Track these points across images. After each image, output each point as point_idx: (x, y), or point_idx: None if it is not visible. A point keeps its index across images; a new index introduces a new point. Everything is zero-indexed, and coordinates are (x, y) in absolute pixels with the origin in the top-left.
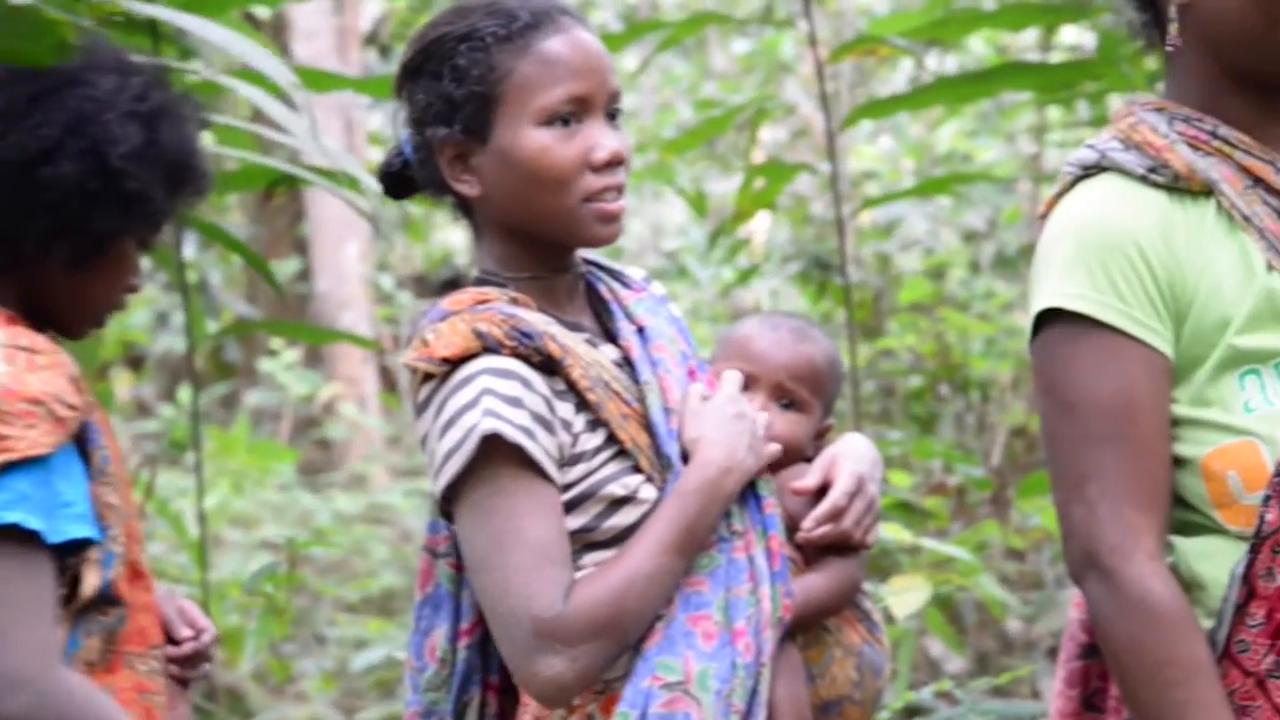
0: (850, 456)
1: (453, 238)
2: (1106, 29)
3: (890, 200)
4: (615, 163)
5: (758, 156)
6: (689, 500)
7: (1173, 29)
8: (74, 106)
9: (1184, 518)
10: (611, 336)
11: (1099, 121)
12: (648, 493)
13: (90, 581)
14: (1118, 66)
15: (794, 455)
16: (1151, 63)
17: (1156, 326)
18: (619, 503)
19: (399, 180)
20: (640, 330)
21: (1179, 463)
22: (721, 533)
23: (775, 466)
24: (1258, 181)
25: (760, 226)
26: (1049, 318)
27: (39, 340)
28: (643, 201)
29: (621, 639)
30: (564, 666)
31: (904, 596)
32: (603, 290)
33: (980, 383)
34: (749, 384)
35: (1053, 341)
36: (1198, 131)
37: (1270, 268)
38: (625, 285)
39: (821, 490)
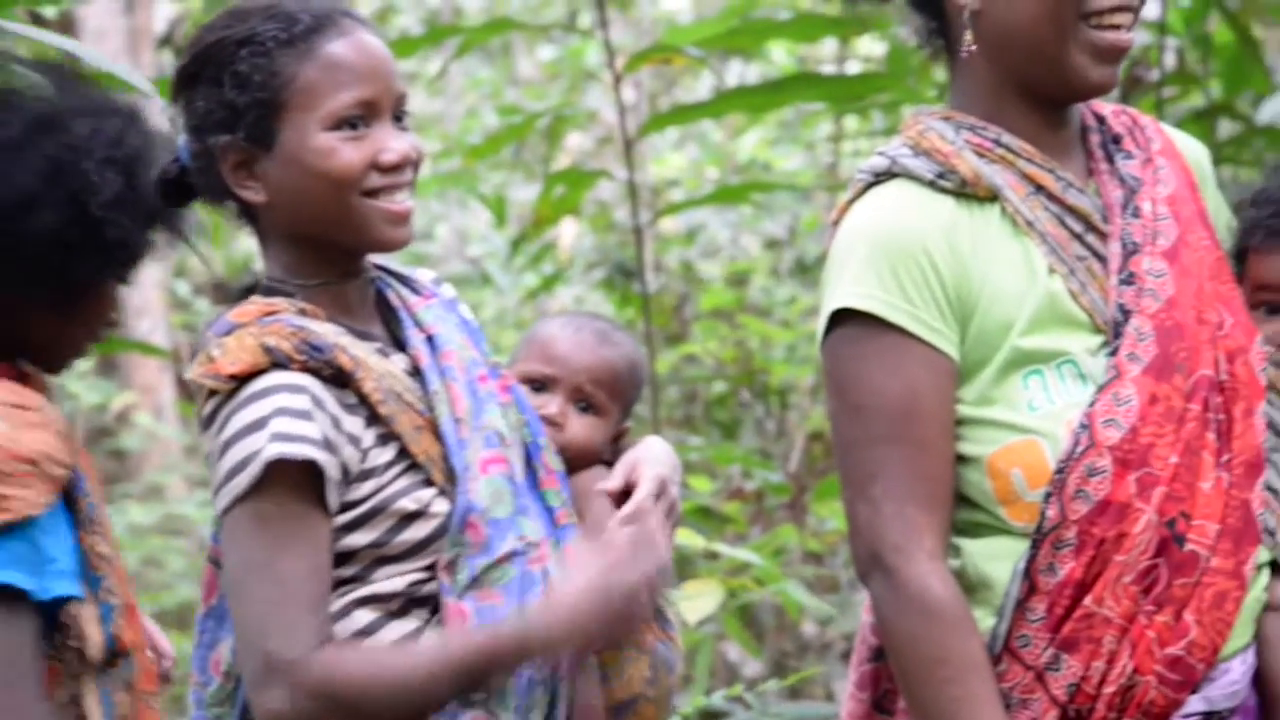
0: (651, 460)
1: (254, 243)
2: (897, 41)
3: (688, 207)
4: (403, 164)
5: (562, 163)
6: (509, 646)
7: (967, 36)
8: (51, 154)
9: (971, 517)
10: (402, 344)
11: (892, 131)
12: (440, 506)
13: (94, 640)
14: (906, 78)
15: (590, 459)
16: (939, 74)
17: (942, 328)
18: (410, 517)
19: (177, 187)
20: (429, 338)
21: (966, 461)
22: (515, 546)
23: (572, 470)
24: (1039, 188)
25: (567, 233)
26: (839, 319)
27: (28, 396)
28: (448, 208)
29: (351, 718)
30: (284, 706)
31: (696, 601)
32: (392, 297)
33: (780, 389)
34: (547, 385)
35: (842, 342)
36: (982, 139)
37: (1052, 271)
38: (415, 291)
39: (624, 493)
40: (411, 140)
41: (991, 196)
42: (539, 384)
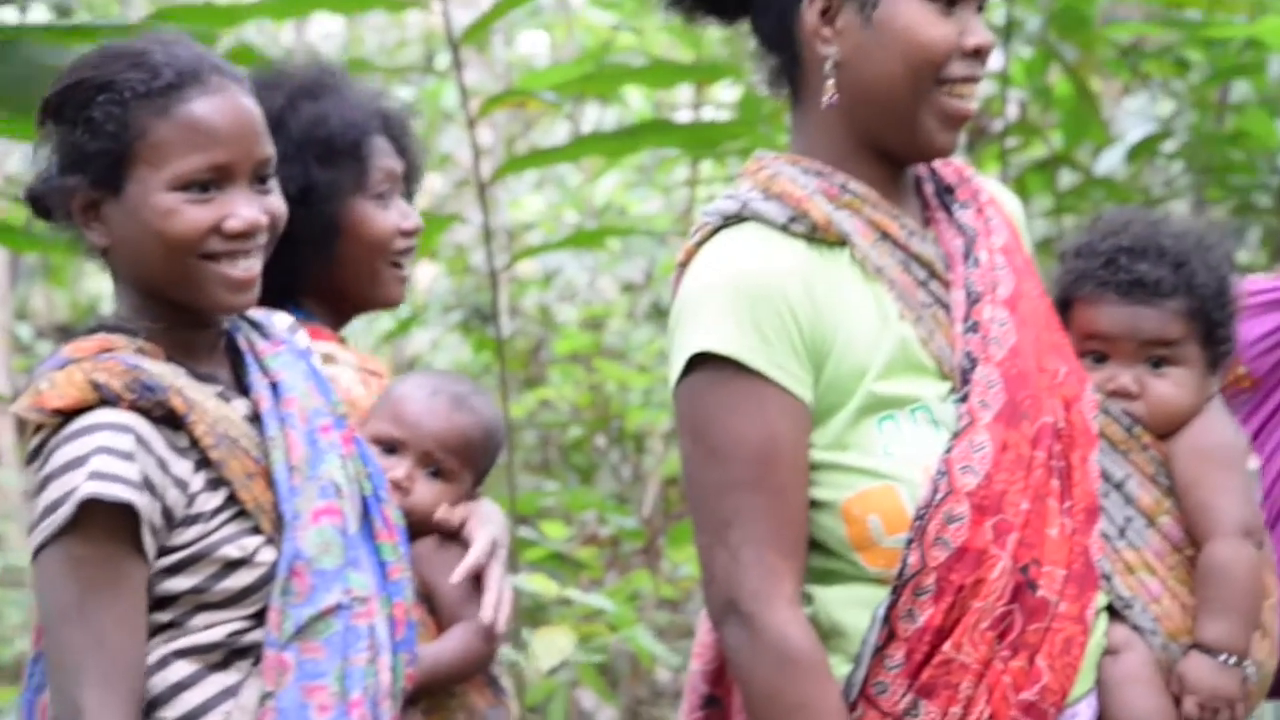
0: (485, 519)
1: (99, 285)
2: (750, 88)
3: (544, 251)
4: (250, 231)
5: (418, 205)
6: None
7: (829, 86)
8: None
9: (823, 563)
10: (247, 390)
11: None
12: (266, 555)
13: None
14: (758, 125)
15: (436, 525)
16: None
17: (799, 373)
18: (234, 564)
19: (38, 206)
20: (274, 384)
21: (819, 506)
22: (340, 599)
23: (414, 534)
24: (885, 235)
25: (424, 276)
26: (696, 363)
27: (374, 361)
28: None
29: None
30: None
31: (547, 648)
32: (241, 341)
33: (636, 433)
34: (397, 448)
35: (699, 386)
36: (830, 185)
37: (902, 317)
38: (265, 337)
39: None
40: (268, 204)
41: (841, 242)
42: (389, 446)
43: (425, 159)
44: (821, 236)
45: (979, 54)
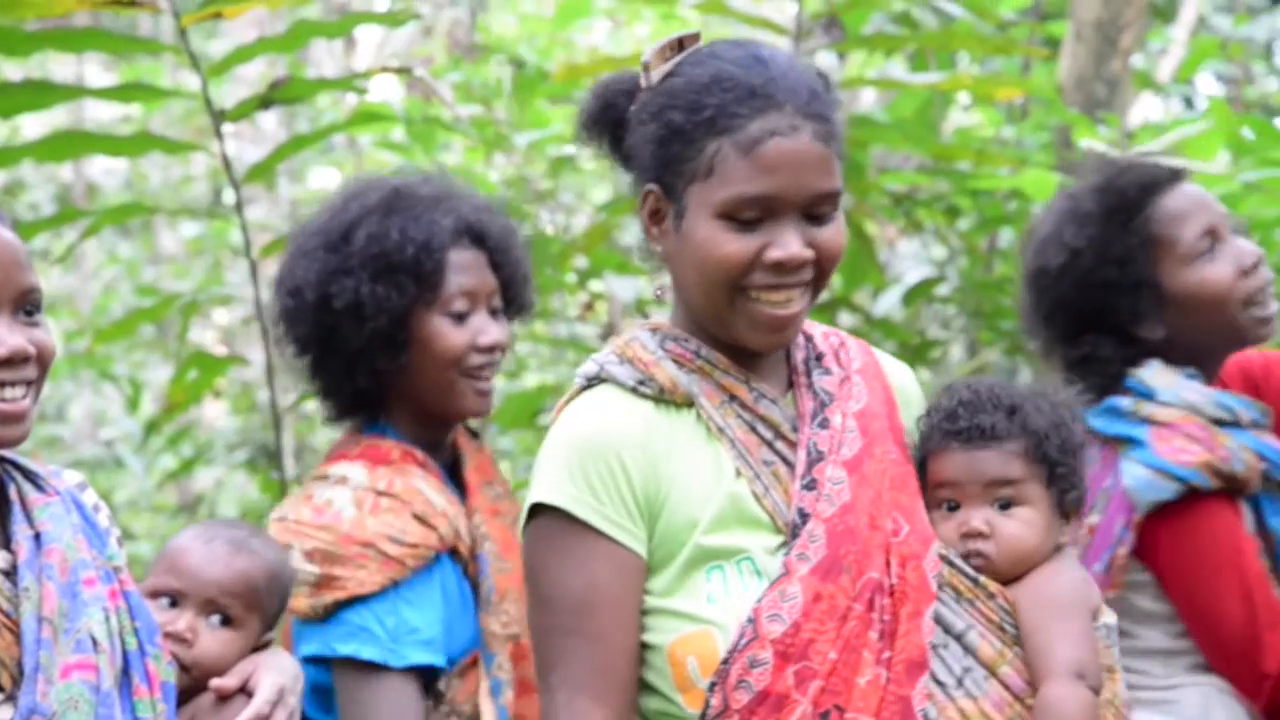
0: (273, 667)
1: None
2: (538, 229)
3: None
4: (12, 361)
5: (209, 340)
6: None
7: (665, 280)
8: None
9: (655, 704)
10: (9, 541)
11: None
12: (2, 713)
13: (487, 713)
14: (545, 267)
15: (215, 689)
16: (581, 260)
17: (628, 525)
18: None
19: None
20: (37, 536)
21: (651, 649)
22: None
23: (198, 690)
24: (733, 397)
25: (208, 414)
26: (535, 513)
27: (397, 481)
28: (80, 388)
29: None
30: None
31: None
32: (12, 492)
33: None
34: (177, 600)
35: (535, 536)
36: (684, 350)
37: (739, 474)
38: (38, 488)
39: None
40: (34, 335)
41: (688, 402)
42: (171, 598)
43: (528, 273)
44: (669, 398)
45: (781, 266)
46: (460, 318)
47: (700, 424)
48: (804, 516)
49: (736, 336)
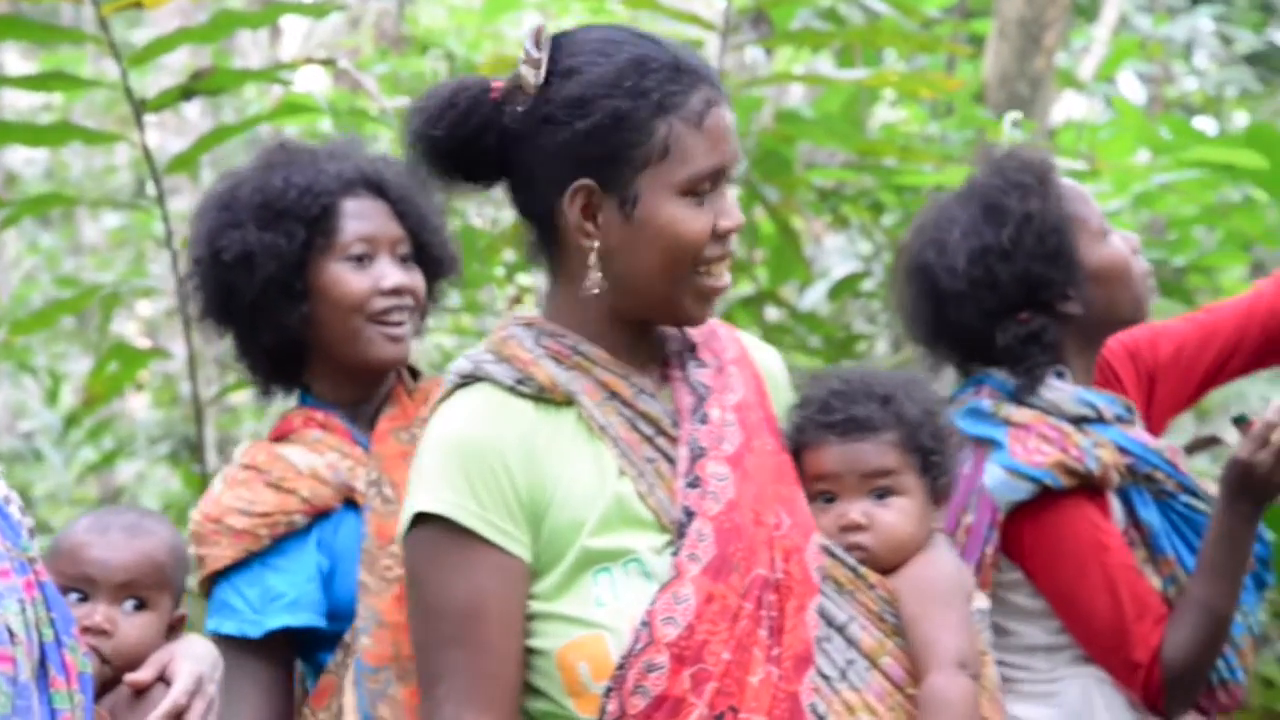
0: (190, 656)
1: None
2: (466, 223)
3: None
4: None
5: (132, 333)
6: None
7: (594, 275)
8: None
9: (544, 708)
10: None
11: (474, 313)
12: None
13: (349, 699)
14: (473, 263)
15: (130, 684)
16: (509, 255)
17: (513, 531)
18: None
19: None
20: None
21: (539, 655)
22: None
23: (119, 681)
24: (613, 394)
25: (137, 405)
26: (416, 521)
27: (261, 454)
28: None
29: None
30: None
31: None
32: None
33: None
34: (88, 593)
35: (417, 545)
36: (561, 347)
37: (622, 473)
38: None
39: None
40: None
41: (568, 401)
42: (81, 593)
43: (440, 226)
44: (548, 396)
45: (729, 235)
46: (360, 261)
47: (580, 423)
48: (690, 515)
49: (678, 314)
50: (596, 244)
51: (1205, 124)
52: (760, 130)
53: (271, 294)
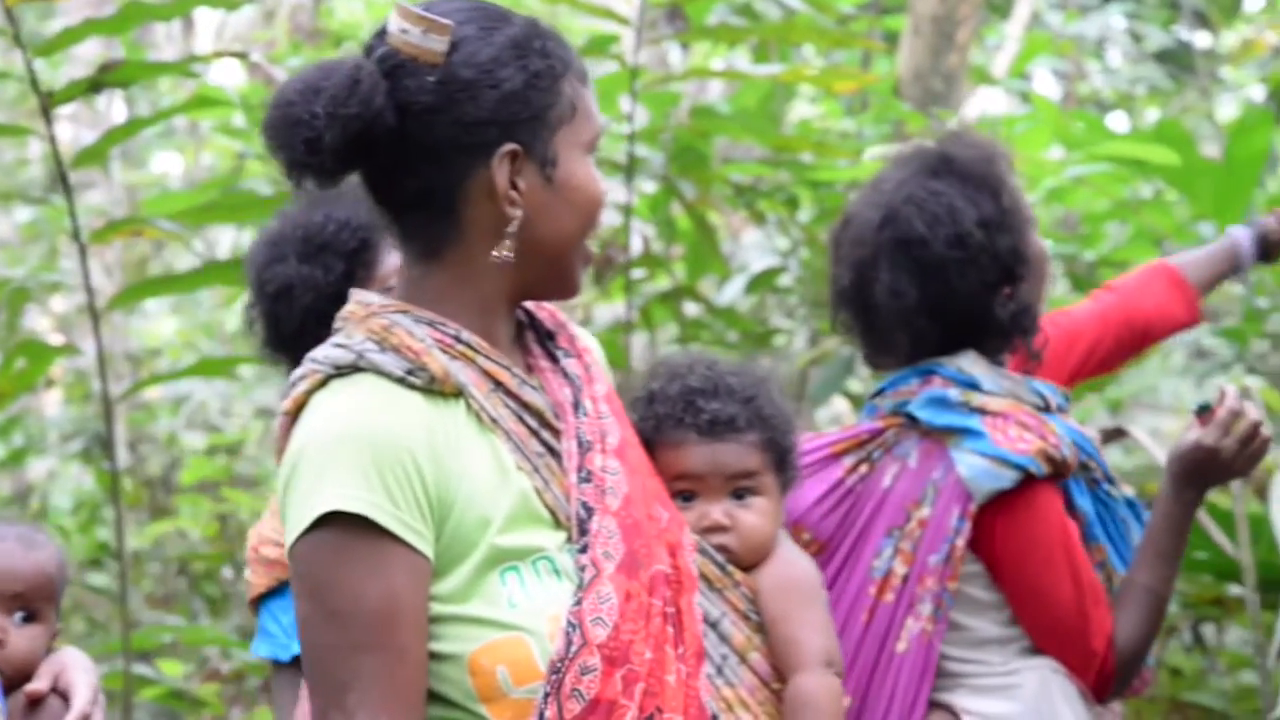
0: (81, 667)
1: None
2: None
3: (165, 380)
4: None
5: (45, 329)
6: None
7: (510, 243)
8: None
9: (447, 715)
10: None
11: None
12: None
13: None
14: None
15: (35, 669)
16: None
17: (422, 530)
18: None
19: None
20: None
21: (442, 659)
22: None
23: (14, 686)
24: (498, 385)
25: (48, 402)
26: (319, 521)
27: None
28: None
29: None
30: None
31: None
32: None
33: None
34: None
35: (322, 546)
36: (443, 335)
37: (519, 468)
38: None
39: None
40: None
41: (457, 394)
42: None
43: None
44: (438, 389)
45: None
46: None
47: (470, 415)
48: (589, 510)
49: (568, 285)
50: (519, 211)
51: (1118, 120)
52: (677, 126)
53: (310, 324)
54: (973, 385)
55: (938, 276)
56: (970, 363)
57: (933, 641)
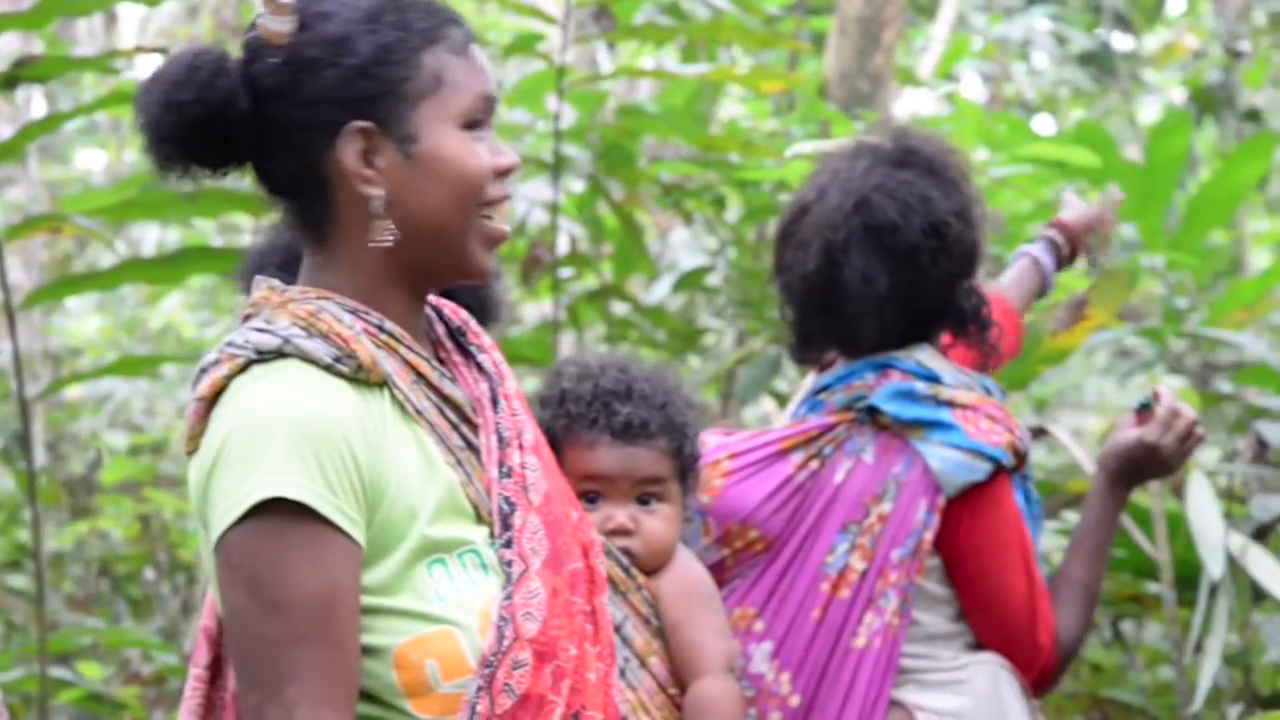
0: None
1: None
2: None
3: (86, 379)
4: None
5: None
6: None
7: (381, 224)
8: None
9: (367, 711)
10: None
11: None
12: None
13: None
14: None
15: None
16: None
17: (357, 519)
18: None
19: None
20: None
21: (369, 652)
22: None
23: None
24: (420, 377)
25: None
26: (254, 509)
27: None
28: None
29: None
30: None
31: None
32: None
33: (189, 564)
34: None
35: (259, 534)
36: (368, 324)
37: (445, 460)
38: None
39: None
40: None
41: (382, 383)
42: None
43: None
44: (365, 377)
45: (507, 174)
46: None
47: (394, 406)
48: (511, 506)
49: (466, 263)
50: (377, 190)
51: (1044, 122)
52: (604, 125)
53: None
54: (933, 379)
55: (910, 264)
56: (928, 356)
57: (897, 637)
